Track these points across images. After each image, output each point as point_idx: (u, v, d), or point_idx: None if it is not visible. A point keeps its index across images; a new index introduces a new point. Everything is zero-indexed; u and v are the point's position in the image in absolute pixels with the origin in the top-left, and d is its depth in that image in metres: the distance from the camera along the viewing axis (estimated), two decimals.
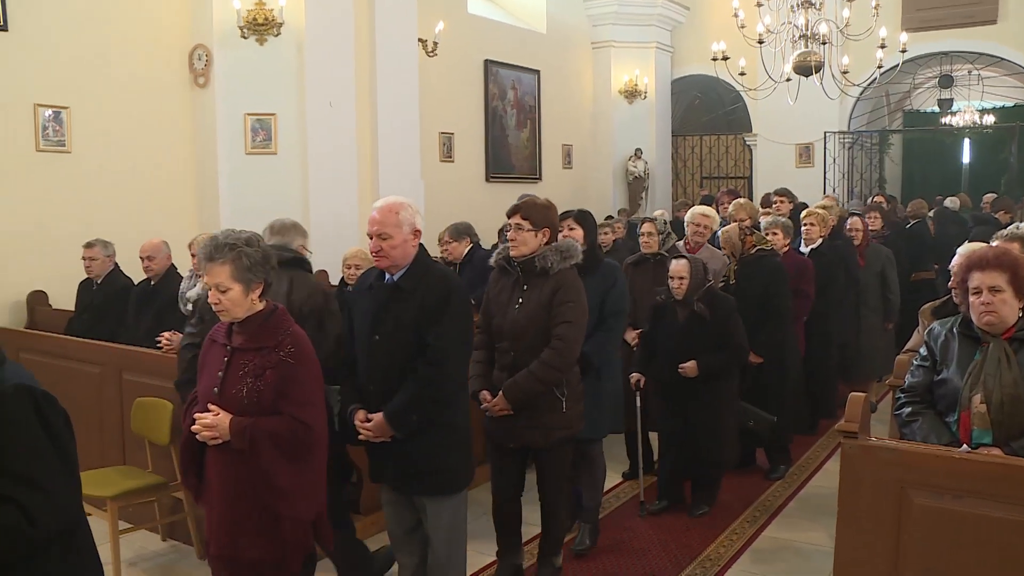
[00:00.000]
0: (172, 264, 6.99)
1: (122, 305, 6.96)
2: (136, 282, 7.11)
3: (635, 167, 16.34)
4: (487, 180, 13.82)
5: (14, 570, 2.49)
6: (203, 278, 5.49)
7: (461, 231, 8.17)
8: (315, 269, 5.76)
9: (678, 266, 5.60)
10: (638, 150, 16.29)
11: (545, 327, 4.35)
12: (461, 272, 7.58)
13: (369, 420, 3.94)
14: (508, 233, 4.47)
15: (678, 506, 5.95)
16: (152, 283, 6.82)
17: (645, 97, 16.43)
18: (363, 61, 10.30)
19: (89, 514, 4.02)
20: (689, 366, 5.52)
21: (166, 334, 5.94)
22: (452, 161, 13.05)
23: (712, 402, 5.66)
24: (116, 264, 7.28)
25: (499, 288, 4.58)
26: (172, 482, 5.23)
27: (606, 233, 9.61)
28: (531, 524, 4.90)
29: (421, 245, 4.00)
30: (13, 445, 2.42)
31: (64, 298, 7.98)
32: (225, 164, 9.43)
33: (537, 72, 14.87)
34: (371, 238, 3.91)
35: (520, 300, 4.43)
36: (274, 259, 3.47)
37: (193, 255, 6.38)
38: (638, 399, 5.87)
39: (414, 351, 3.87)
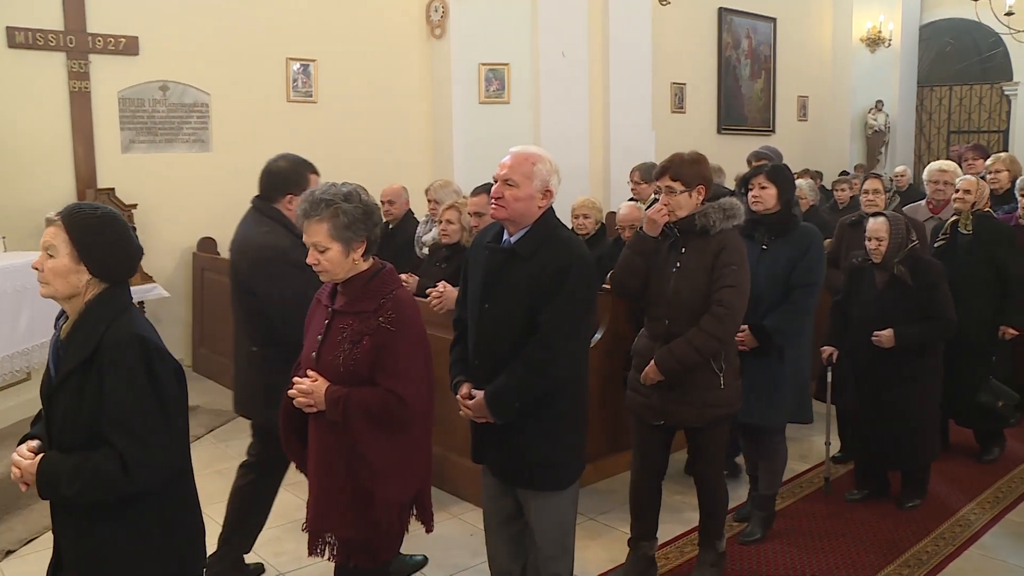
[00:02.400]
0: (410, 209, 7.24)
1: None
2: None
3: (875, 120, 15.54)
4: (719, 132, 13.51)
5: (109, 512, 2.60)
6: (439, 223, 5.71)
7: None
8: None
9: (875, 225, 4.98)
10: (879, 102, 15.46)
11: (705, 293, 3.94)
12: None
13: (472, 397, 3.47)
14: (660, 197, 4.06)
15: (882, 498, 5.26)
16: (390, 226, 7.08)
17: (889, 44, 15.53)
18: (596, 11, 10.23)
19: None
20: (885, 335, 4.87)
21: (403, 276, 6.13)
22: (683, 112, 12.83)
23: (910, 382, 4.99)
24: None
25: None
26: None
27: (843, 190, 9.20)
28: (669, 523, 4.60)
29: (550, 209, 3.46)
30: (119, 392, 2.51)
31: None
32: (459, 113, 9.68)
33: (773, 20, 14.34)
34: (495, 182, 3.45)
35: (678, 264, 4.02)
36: (378, 215, 3.09)
37: (430, 201, 6.59)
38: (829, 375, 5.28)
39: (525, 328, 3.34)
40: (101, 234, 2.60)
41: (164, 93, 8.46)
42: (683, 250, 4.02)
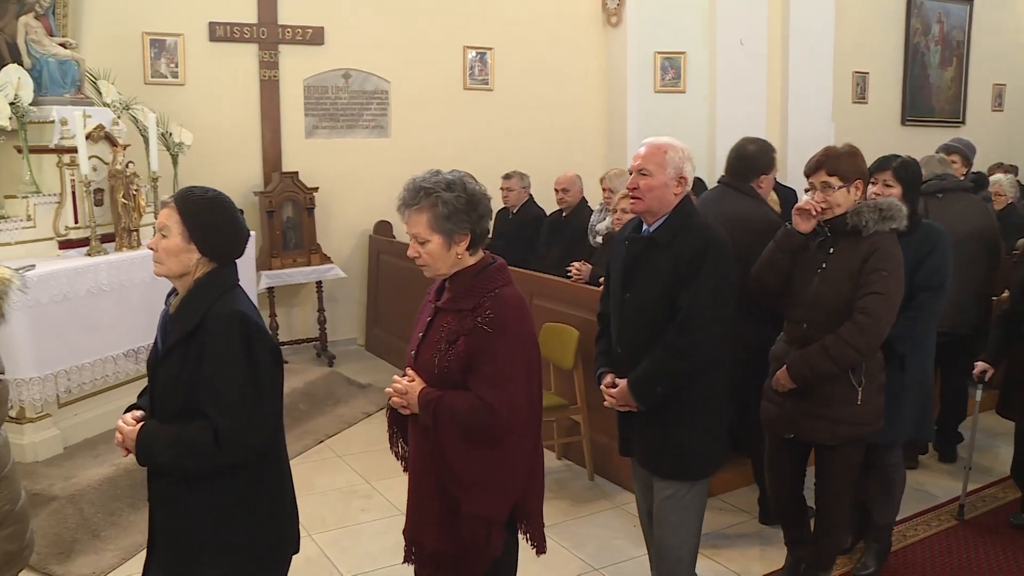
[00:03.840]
0: (584, 197, 7.27)
1: (534, 234, 7.36)
2: (548, 213, 7.49)
3: None
4: (903, 123, 12.90)
5: (200, 482, 2.66)
6: (613, 212, 5.70)
7: None
8: None
9: None
10: None
11: (849, 298, 3.66)
12: None
13: (615, 386, 3.50)
14: (814, 195, 3.78)
15: None
16: (564, 214, 7.13)
17: None
18: None
19: None
20: None
21: (576, 264, 6.14)
22: (865, 102, 12.32)
23: None
24: (531, 195, 7.70)
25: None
26: (572, 405, 5.49)
27: None
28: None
29: (687, 197, 3.46)
30: (216, 365, 2.59)
31: None
32: (634, 102, 9.63)
33: (969, 3, 13.58)
34: (630, 174, 3.47)
35: (824, 264, 3.76)
36: (485, 206, 2.87)
37: (604, 189, 6.59)
38: (979, 392, 4.85)
39: (665, 314, 3.34)
40: (210, 215, 2.71)
41: (346, 81, 8.77)
42: (831, 250, 3.77)
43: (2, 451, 2.92)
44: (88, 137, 5.72)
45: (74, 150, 5.68)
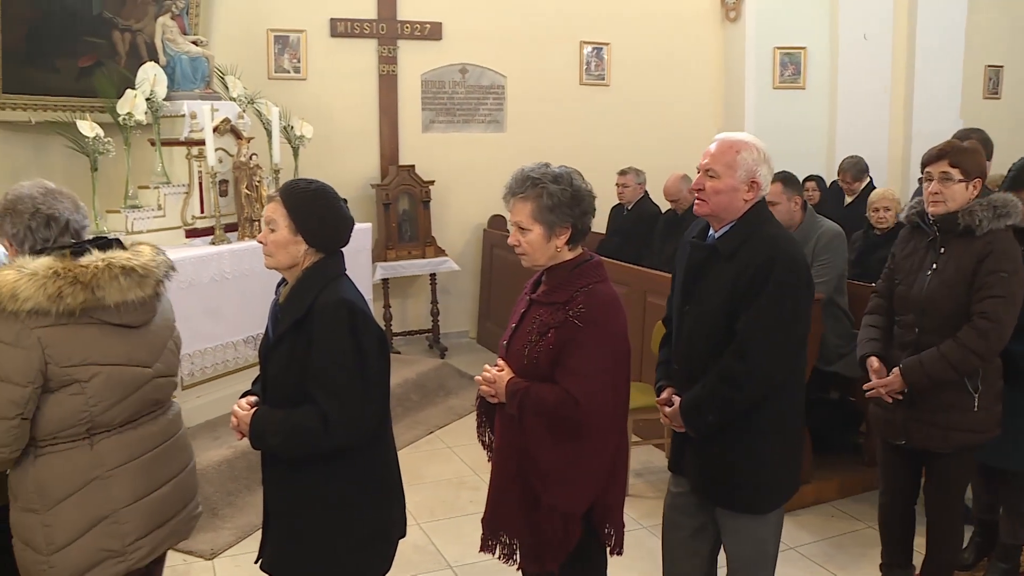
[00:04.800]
0: None
1: (649, 230, 7.29)
2: (663, 210, 7.42)
3: None
4: None
5: (311, 467, 2.71)
6: None
7: (861, 169, 7.57)
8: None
9: None
10: None
11: (964, 301, 3.43)
12: None
13: (672, 403, 3.18)
14: (928, 186, 3.54)
15: None
16: (679, 213, 7.06)
17: None
18: None
19: None
20: None
21: None
22: (998, 98, 11.81)
23: None
24: (646, 192, 7.64)
25: (909, 250, 3.70)
26: None
27: None
28: None
29: (760, 202, 3.08)
30: (324, 352, 2.64)
31: (595, 219, 8.56)
32: (752, 99, 9.48)
33: None
34: (698, 172, 3.13)
35: (934, 265, 3.53)
36: (589, 202, 2.87)
37: None
38: None
39: (723, 333, 2.99)
40: (314, 207, 2.75)
41: (463, 76, 8.86)
42: (941, 250, 3.54)
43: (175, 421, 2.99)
44: (215, 130, 5.93)
45: (202, 143, 5.90)
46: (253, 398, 2.86)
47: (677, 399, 3.14)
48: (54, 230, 2.67)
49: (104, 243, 2.71)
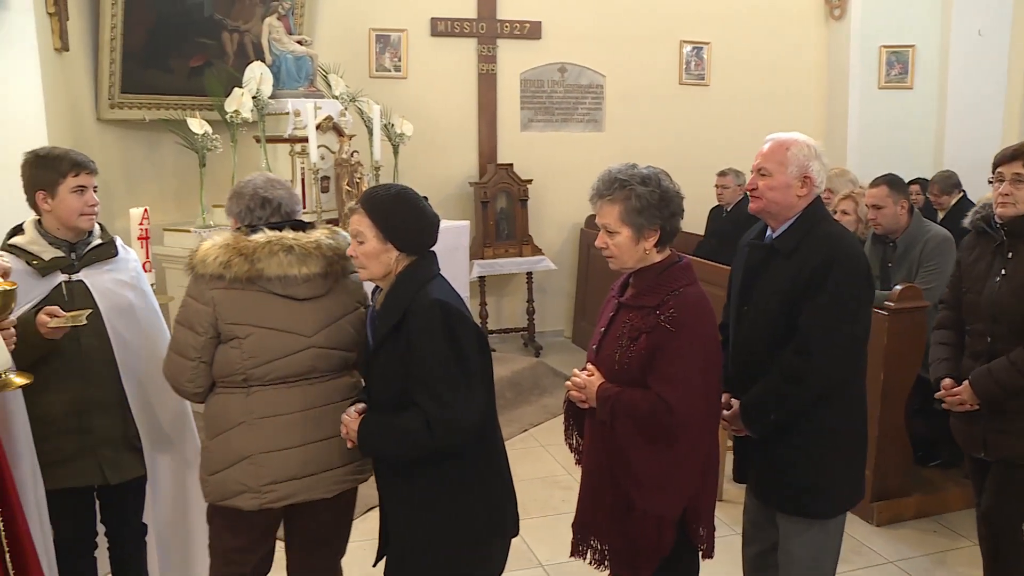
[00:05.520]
0: None
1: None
2: None
3: None
4: None
5: (420, 469, 2.72)
6: (834, 214, 5.48)
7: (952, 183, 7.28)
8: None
9: None
10: None
11: None
12: None
13: (730, 406, 3.16)
14: (999, 187, 3.41)
15: None
16: None
17: None
18: None
19: None
20: None
21: None
22: None
23: None
24: (746, 193, 7.50)
25: (975, 256, 3.58)
26: None
27: None
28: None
29: (817, 200, 3.10)
30: (423, 355, 2.63)
31: (694, 221, 8.48)
32: (855, 99, 9.25)
33: None
34: (751, 173, 3.15)
35: (1003, 271, 3.41)
36: (677, 203, 2.84)
37: (826, 190, 6.37)
38: None
39: (783, 332, 3.00)
40: (398, 211, 2.75)
41: (562, 75, 8.86)
42: (1009, 255, 3.43)
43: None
44: (318, 127, 6.05)
45: (305, 140, 6.01)
46: (361, 405, 2.89)
47: (736, 402, 3.13)
48: (267, 210, 3.07)
49: (297, 224, 3.08)
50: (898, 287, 4.78)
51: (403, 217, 2.75)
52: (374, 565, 3.01)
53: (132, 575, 3.55)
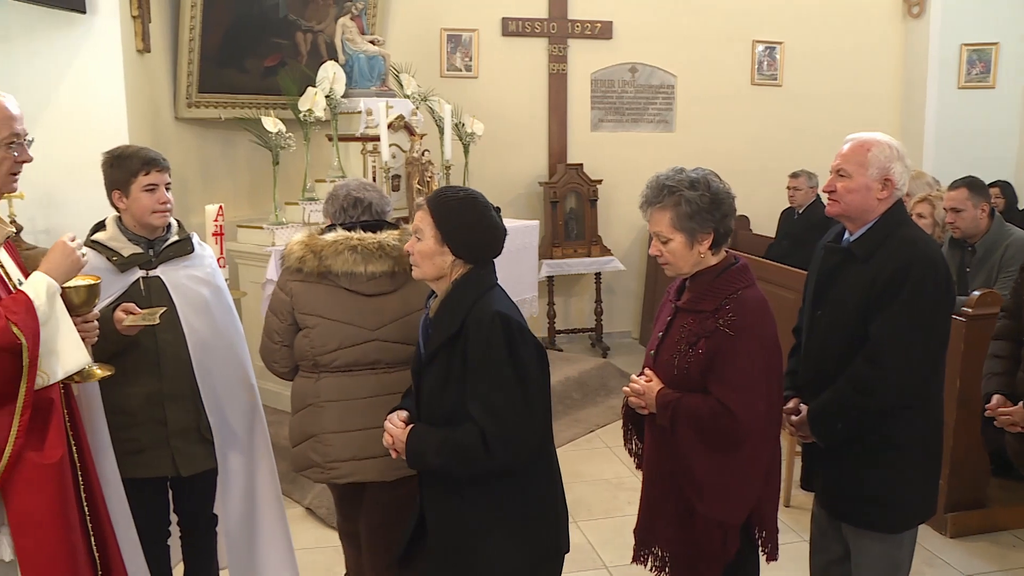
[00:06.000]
0: None
1: (819, 236, 7.01)
2: None
3: None
4: None
5: (472, 485, 2.64)
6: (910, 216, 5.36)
7: None
8: None
9: None
10: None
11: None
12: None
13: (799, 412, 3.09)
14: None
15: None
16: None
17: None
18: None
19: None
20: None
21: None
22: None
23: None
24: (818, 195, 7.42)
25: None
26: None
27: None
28: None
29: (898, 203, 2.99)
30: (482, 370, 2.54)
31: (764, 223, 8.41)
32: (934, 99, 9.04)
33: None
34: (830, 174, 3.04)
35: None
36: (728, 204, 2.78)
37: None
38: None
39: (857, 340, 2.90)
40: (462, 216, 2.66)
41: (633, 75, 8.81)
42: None
43: None
44: (390, 126, 6.10)
45: (377, 138, 6.08)
46: (405, 414, 2.82)
47: (804, 408, 3.06)
48: (359, 210, 3.37)
49: (371, 225, 3.35)
50: (976, 292, 4.66)
51: (466, 222, 2.68)
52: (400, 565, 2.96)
53: (202, 564, 3.63)
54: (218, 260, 3.71)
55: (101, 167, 3.24)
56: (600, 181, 8.35)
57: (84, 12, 4.48)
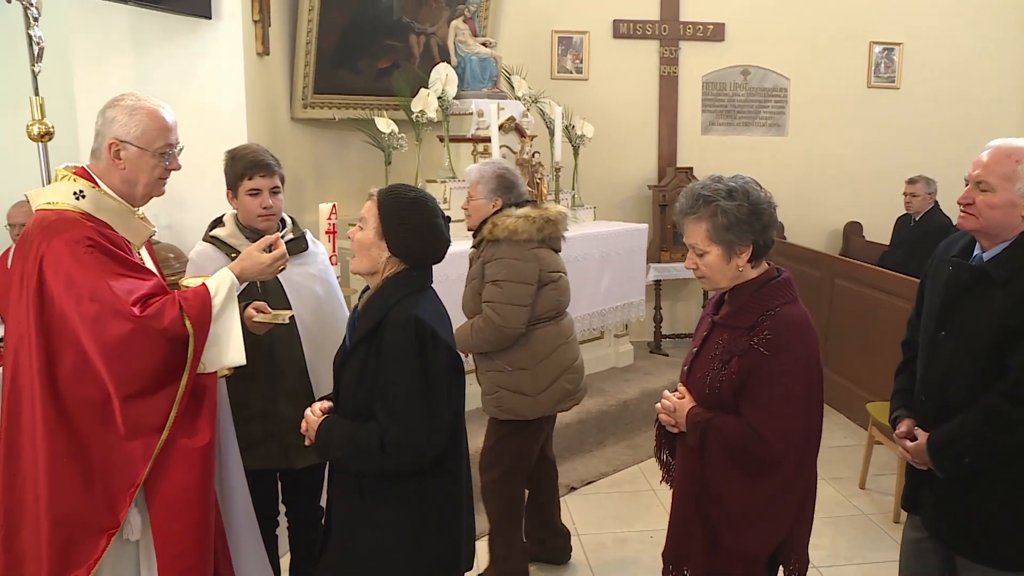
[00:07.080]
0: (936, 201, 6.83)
1: (936, 244, 6.82)
2: (955, 222, 6.95)
3: None
4: None
5: (372, 484, 2.58)
6: None
7: None
8: None
9: None
10: None
11: None
12: None
13: (913, 437, 2.88)
14: None
15: None
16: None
17: None
18: None
19: None
20: None
21: None
22: None
23: None
24: (936, 202, 7.20)
25: None
26: None
27: None
28: None
29: None
30: (389, 371, 2.49)
31: (878, 230, 8.20)
32: None
33: None
34: (966, 184, 2.77)
35: None
36: (769, 215, 2.64)
37: None
38: None
39: (992, 369, 2.65)
40: (407, 217, 2.62)
41: (745, 78, 8.68)
42: None
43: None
44: (500, 128, 6.14)
45: (487, 139, 6.13)
46: (327, 404, 2.79)
47: (921, 433, 2.87)
48: (514, 193, 4.03)
49: (527, 203, 4.07)
50: None
51: (410, 223, 2.63)
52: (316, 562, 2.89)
53: (308, 554, 3.70)
54: (330, 258, 3.77)
55: (224, 164, 3.35)
56: None
57: (209, 18, 4.65)
